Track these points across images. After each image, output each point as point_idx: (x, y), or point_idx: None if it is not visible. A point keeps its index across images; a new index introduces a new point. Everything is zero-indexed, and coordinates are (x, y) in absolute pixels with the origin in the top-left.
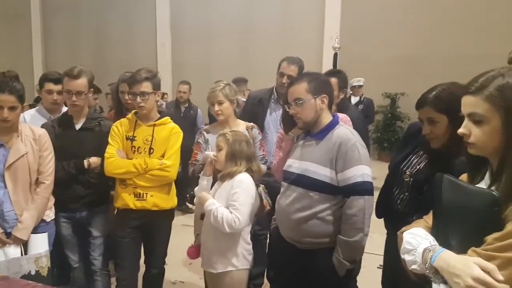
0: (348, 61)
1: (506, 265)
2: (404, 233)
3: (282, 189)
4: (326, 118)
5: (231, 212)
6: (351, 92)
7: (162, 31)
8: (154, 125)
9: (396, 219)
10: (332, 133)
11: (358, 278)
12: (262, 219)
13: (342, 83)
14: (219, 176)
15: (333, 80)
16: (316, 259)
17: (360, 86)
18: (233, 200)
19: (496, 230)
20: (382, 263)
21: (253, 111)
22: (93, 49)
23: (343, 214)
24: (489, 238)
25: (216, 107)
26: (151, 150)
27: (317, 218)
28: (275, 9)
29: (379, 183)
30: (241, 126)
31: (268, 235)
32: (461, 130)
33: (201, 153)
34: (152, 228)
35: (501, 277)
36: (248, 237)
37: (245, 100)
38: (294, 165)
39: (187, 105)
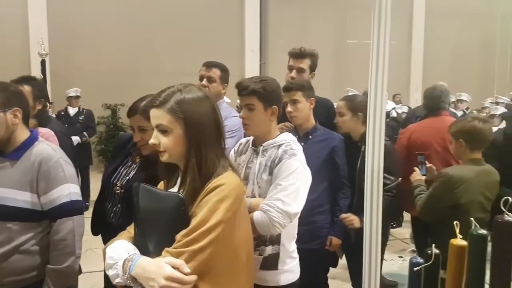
0: (62, 70)
1: (192, 257)
2: (107, 248)
3: None
4: (22, 134)
5: None
6: (68, 103)
7: None
8: None
9: (112, 233)
10: (31, 152)
11: None
12: None
13: (38, 92)
14: None
15: (27, 89)
16: None
17: (78, 97)
18: None
19: (185, 228)
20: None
21: None
22: None
23: (50, 240)
24: (178, 236)
25: None
26: None
27: (19, 252)
28: None
29: None
30: None
31: None
32: (151, 141)
33: None
34: None
35: (188, 270)
36: None
37: None
38: None
39: None
